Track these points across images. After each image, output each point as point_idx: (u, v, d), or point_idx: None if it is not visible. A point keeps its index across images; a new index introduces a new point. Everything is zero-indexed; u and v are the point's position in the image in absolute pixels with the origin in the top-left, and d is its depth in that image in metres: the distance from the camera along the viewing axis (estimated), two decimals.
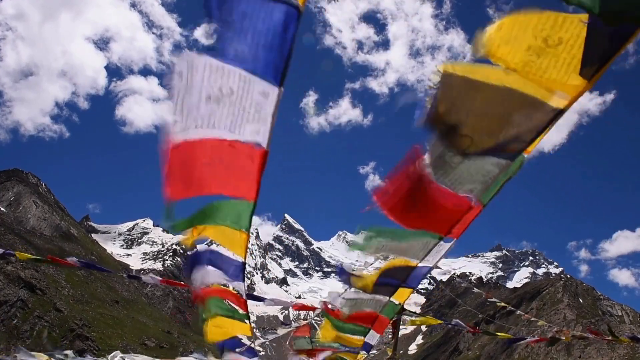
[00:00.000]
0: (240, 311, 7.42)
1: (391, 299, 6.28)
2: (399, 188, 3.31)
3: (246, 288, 6.27)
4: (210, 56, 2.79)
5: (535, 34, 2.33)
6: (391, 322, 9.71)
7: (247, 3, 2.57)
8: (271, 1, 2.55)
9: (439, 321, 11.19)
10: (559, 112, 2.53)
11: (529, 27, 2.33)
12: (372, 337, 8.27)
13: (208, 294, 6.76)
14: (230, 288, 6.51)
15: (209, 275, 5.92)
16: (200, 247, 5.33)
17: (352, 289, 6.17)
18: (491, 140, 2.73)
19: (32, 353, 12.46)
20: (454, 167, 2.99)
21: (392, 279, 5.38)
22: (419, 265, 4.66)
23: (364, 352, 9.01)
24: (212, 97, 2.88)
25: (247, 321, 7.81)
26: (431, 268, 5.02)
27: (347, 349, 8.65)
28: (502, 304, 17.45)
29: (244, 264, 5.18)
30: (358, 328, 7.63)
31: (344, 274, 5.91)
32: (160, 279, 11.31)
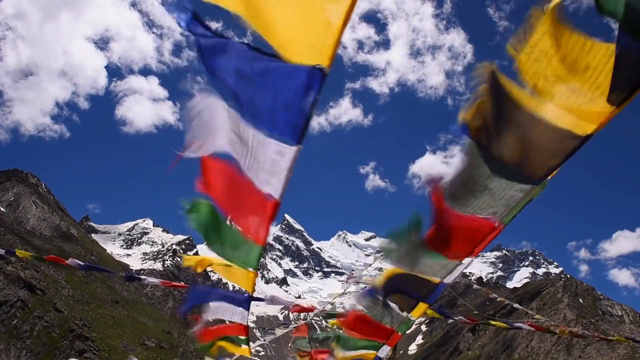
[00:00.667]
0: (241, 337, 7.46)
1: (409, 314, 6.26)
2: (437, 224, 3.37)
3: (248, 316, 6.34)
4: (227, 105, 2.73)
5: (565, 53, 2.26)
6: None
7: (269, 61, 2.42)
8: (293, 64, 2.37)
9: (439, 315, 11.16)
10: (585, 139, 2.50)
11: (560, 44, 2.25)
12: (383, 351, 8.23)
13: (211, 335, 6.86)
14: (230, 319, 6.48)
15: (212, 312, 6.02)
16: (201, 286, 5.46)
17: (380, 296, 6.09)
18: (517, 161, 2.72)
19: None
20: (477, 196, 3.00)
21: (412, 292, 5.35)
22: (441, 282, 4.72)
23: None
24: (235, 132, 2.84)
25: (246, 345, 7.84)
26: (448, 284, 5.03)
27: None
28: (503, 299, 17.45)
29: (250, 297, 5.27)
30: (372, 344, 7.55)
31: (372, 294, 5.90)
32: (160, 280, 11.31)
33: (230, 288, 14.80)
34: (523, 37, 2.31)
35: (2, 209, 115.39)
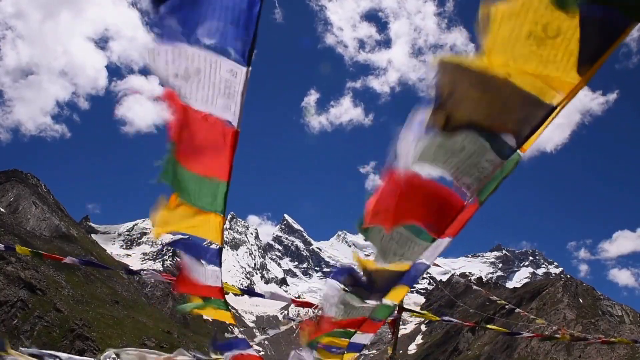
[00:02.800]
0: (217, 300, 7.31)
1: (384, 300, 6.20)
2: (389, 200, 3.28)
3: (222, 274, 6.17)
4: (170, 41, 2.78)
5: (535, 19, 2.28)
6: (390, 320, 9.73)
7: None
8: None
9: (437, 318, 11.21)
10: (553, 109, 2.52)
11: (530, 10, 2.28)
12: (364, 338, 8.21)
13: (187, 288, 6.66)
14: (204, 282, 6.31)
15: (189, 268, 5.83)
16: (176, 236, 5.20)
17: (348, 290, 6.07)
18: (489, 120, 2.72)
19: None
20: (453, 154, 2.95)
21: (383, 286, 5.30)
22: (413, 264, 4.62)
23: (354, 352, 8.94)
24: (179, 76, 2.89)
25: (225, 308, 7.71)
26: (428, 266, 4.98)
27: (332, 350, 8.57)
28: (502, 301, 17.47)
29: (220, 249, 5.01)
30: (343, 332, 7.56)
31: (342, 274, 5.87)
32: (161, 273, 11.32)
33: None
34: (483, 32, 2.35)
35: (1, 210, 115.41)
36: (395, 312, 9.45)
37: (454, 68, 2.53)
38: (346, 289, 5.67)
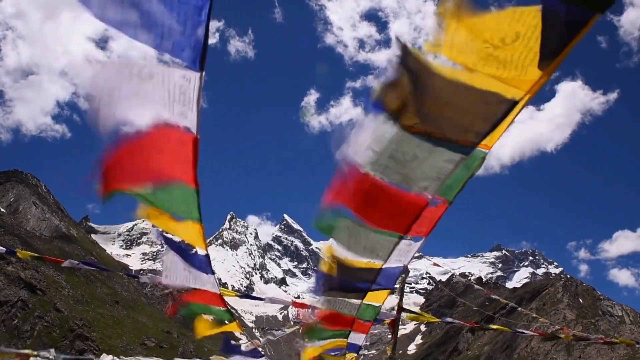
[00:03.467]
0: (220, 309, 7.30)
1: (367, 301, 6.23)
2: (351, 188, 3.27)
3: (218, 282, 6.18)
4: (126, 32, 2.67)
5: (492, 35, 2.29)
6: (390, 321, 9.75)
7: None
8: None
9: (437, 319, 11.21)
10: (514, 103, 2.50)
11: (487, 29, 2.28)
12: (358, 339, 8.30)
13: (186, 299, 6.67)
14: (201, 287, 6.28)
15: (180, 273, 5.83)
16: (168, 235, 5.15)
17: (324, 293, 6.14)
18: (440, 125, 2.69)
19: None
20: (404, 165, 2.93)
21: (358, 283, 5.30)
22: (386, 266, 4.60)
23: (353, 352, 9.05)
24: (133, 78, 2.80)
25: (229, 318, 7.70)
26: (404, 268, 4.99)
27: (334, 352, 8.67)
28: (503, 300, 17.48)
29: (207, 256, 5.10)
30: (338, 332, 7.65)
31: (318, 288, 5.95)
32: (160, 278, 11.35)
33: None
34: (439, 34, 2.35)
35: (2, 210, 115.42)
36: (394, 312, 9.50)
37: (417, 63, 2.50)
38: (326, 294, 5.73)
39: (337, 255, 4.77)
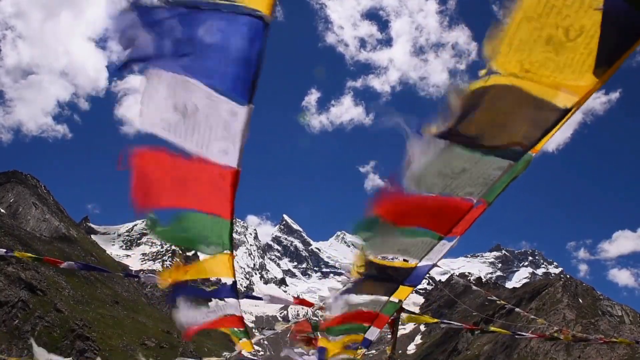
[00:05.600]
0: (238, 330, 7.38)
1: (391, 298, 6.31)
2: (395, 201, 3.26)
3: (240, 305, 6.25)
4: (173, 71, 2.62)
5: (557, 22, 2.13)
6: (390, 320, 9.81)
7: (209, 16, 2.43)
8: (234, 14, 2.39)
9: (435, 320, 11.26)
10: (566, 111, 2.42)
11: (552, 13, 2.12)
12: (372, 334, 8.35)
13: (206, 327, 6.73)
14: (224, 313, 6.35)
15: (198, 314, 5.94)
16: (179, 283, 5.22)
17: (352, 293, 6.17)
18: (491, 135, 2.65)
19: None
20: (452, 178, 2.92)
21: (391, 280, 5.38)
22: (420, 264, 4.61)
23: (364, 348, 9.10)
24: (178, 109, 2.72)
25: (246, 337, 7.76)
26: (432, 266, 5.02)
27: (348, 346, 8.74)
28: (501, 301, 17.49)
29: (234, 282, 5.13)
30: (359, 327, 7.68)
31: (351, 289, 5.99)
32: (159, 278, 11.40)
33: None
34: (499, 33, 2.23)
35: (2, 211, 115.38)
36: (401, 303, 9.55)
37: (466, 95, 2.44)
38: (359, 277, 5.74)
39: (369, 259, 4.81)
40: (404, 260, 4.60)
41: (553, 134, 2.64)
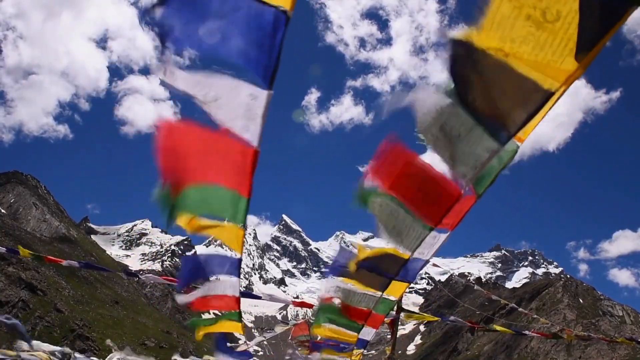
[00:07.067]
0: (230, 313, 7.41)
1: (385, 294, 6.30)
2: (393, 166, 3.35)
3: (240, 286, 6.32)
4: (189, 72, 2.81)
5: (534, 3, 2.25)
6: (389, 320, 9.80)
7: (242, 3, 2.63)
8: (261, 3, 2.59)
9: (436, 318, 11.26)
10: (550, 94, 2.49)
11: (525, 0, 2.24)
12: (368, 334, 8.32)
13: (205, 306, 6.76)
14: (223, 292, 6.42)
15: (206, 288, 6.00)
16: (192, 252, 5.31)
17: (344, 283, 6.21)
18: (486, 104, 2.72)
19: (33, 352, 12.54)
20: (450, 140, 2.96)
21: (383, 271, 5.36)
22: (412, 257, 4.60)
23: (360, 349, 9.07)
24: (199, 100, 2.91)
25: (237, 319, 7.78)
26: (427, 261, 5.01)
27: (342, 345, 8.69)
28: (503, 300, 17.53)
29: (240, 259, 5.22)
30: (352, 324, 7.68)
31: (336, 268, 6.01)
32: (159, 277, 11.43)
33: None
34: (481, 12, 2.36)
35: (2, 211, 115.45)
36: (394, 312, 9.54)
37: (464, 47, 2.53)
38: (349, 273, 5.76)
39: (366, 252, 4.83)
40: (397, 247, 4.57)
41: (538, 121, 2.74)
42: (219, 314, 7.45)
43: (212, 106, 2.93)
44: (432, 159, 3.23)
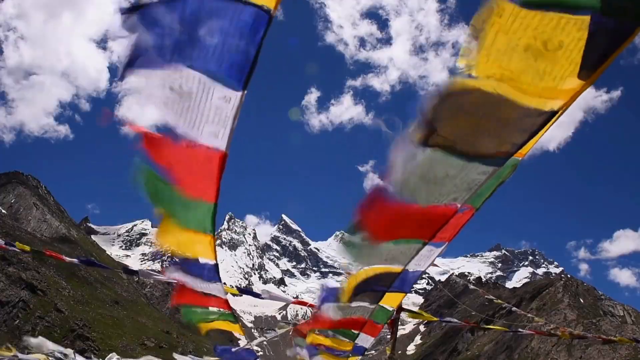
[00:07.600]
0: (224, 311, 7.36)
1: (381, 304, 6.17)
2: (377, 213, 3.24)
3: (224, 289, 6.25)
4: (168, 63, 2.69)
5: (535, 35, 2.15)
6: (389, 322, 9.76)
7: (216, 1, 2.52)
8: (240, 3, 2.47)
9: (434, 318, 11.24)
10: (553, 114, 2.42)
11: (530, 27, 2.14)
12: (365, 341, 8.20)
13: (191, 297, 6.69)
14: (208, 292, 6.34)
15: (188, 283, 5.95)
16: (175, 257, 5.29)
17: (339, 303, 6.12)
18: (475, 142, 2.62)
19: (31, 355, 12.52)
20: (436, 183, 2.88)
21: (376, 286, 5.24)
22: (406, 269, 4.48)
23: (357, 355, 8.92)
24: (174, 89, 2.79)
25: (233, 321, 7.72)
26: (422, 272, 4.92)
27: (336, 353, 8.57)
28: (501, 302, 17.48)
29: (216, 265, 5.14)
30: (347, 332, 7.57)
31: (331, 295, 5.95)
32: (159, 274, 11.40)
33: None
34: (475, 42, 2.23)
35: (2, 211, 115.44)
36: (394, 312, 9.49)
37: (445, 96, 2.42)
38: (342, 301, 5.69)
39: (356, 277, 4.75)
40: (389, 266, 4.51)
41: (540, 136, 2.65)
42: (215, 310, 7.42)
43: (185, 101, 2.82)
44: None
